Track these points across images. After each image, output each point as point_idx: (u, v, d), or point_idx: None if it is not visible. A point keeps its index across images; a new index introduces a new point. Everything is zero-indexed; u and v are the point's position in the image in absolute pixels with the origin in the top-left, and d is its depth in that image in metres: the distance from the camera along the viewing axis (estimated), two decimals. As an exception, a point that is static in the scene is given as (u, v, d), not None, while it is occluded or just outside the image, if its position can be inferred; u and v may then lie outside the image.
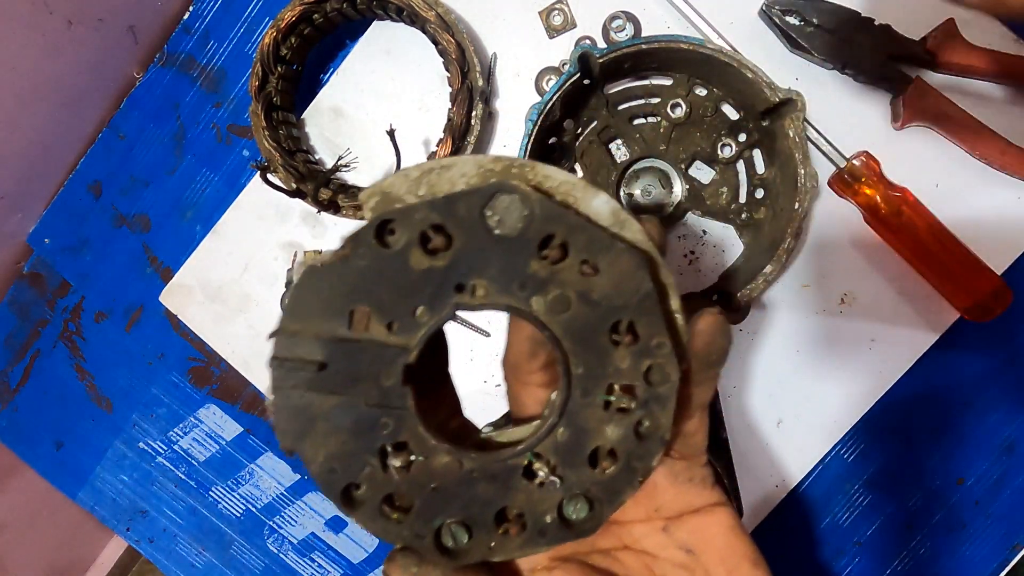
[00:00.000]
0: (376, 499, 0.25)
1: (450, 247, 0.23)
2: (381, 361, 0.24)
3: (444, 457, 0.25)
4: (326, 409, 0.24)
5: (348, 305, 0.24)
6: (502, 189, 0.23)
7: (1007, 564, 0.60)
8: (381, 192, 0.25)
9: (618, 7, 0.56)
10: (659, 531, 0.29)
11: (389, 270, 0.24)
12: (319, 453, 0.24)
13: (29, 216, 0.65)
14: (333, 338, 0.24)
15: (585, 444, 0.25)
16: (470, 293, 0.24)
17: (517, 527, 0.25)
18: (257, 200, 0.62)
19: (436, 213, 0.23)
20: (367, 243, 0.23)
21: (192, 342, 0.65)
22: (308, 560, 0.67)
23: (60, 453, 0.68)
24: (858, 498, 0.61)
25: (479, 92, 0.54)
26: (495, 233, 0.24)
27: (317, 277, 0.23)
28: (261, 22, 0.61)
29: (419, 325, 0.24)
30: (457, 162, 0.25)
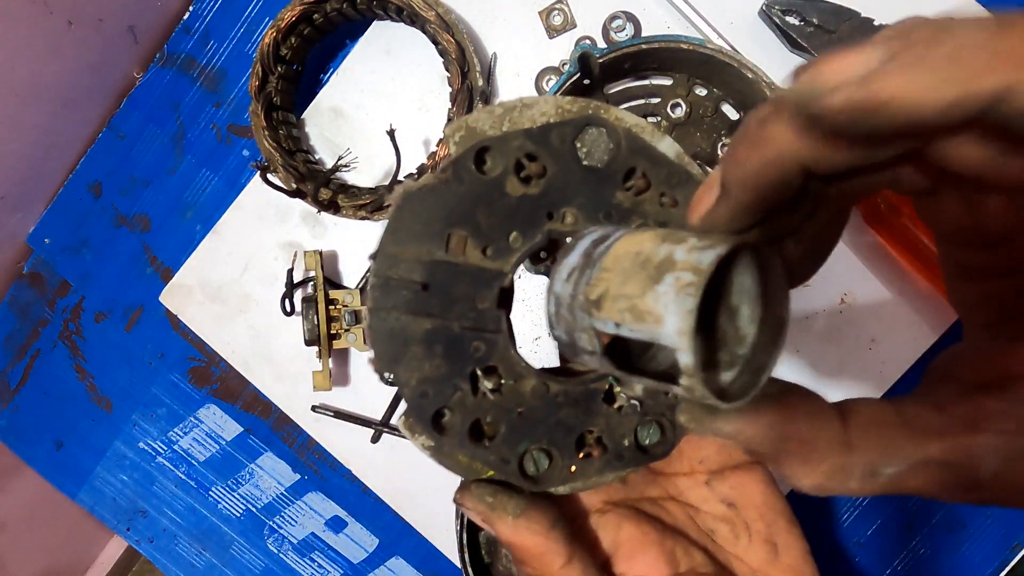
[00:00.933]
0: (464, 424, 0.25)
1: (544, 175, 0.25)
2: (477, 284, 0.25)
3: (531, 381, 0.26)
4: (420, 332, 0.24)
5: (446, 229, 0.24)
6: (591, 122, 0.25)
7: (1007, 564, 0.60)
8: (466, 127, 0.25)
9: (618, 7, 0.56)
10: (702, 484, 0.31)
11: (486, 196, 0.24)
12: (412, 377, 0.24)
13: (29, 216, 0.65)
14: (432, 261, 0.24)
15: None
16: (560, 220, 0.25)
17: (599, 449, 0.26)
18: (257, 200, 0.62)
19: (531, 142, 0.24)
20: (467, 168, 0.24)
21: (192, 342, 0.65)
22: (308, 560, 0.67)
23: (60, 453, 0.68)
24: (858, 498, 0.61)
25: (479, 92, 0.54)
26: (584, 164, 0.25)
27: (416, 201, 0.24)
28: (261, 22, 0.61)
29: (512, 251, 0.25)
30: (538, 101, 0.25)
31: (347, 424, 0.63)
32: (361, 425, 0.62)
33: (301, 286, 0.60)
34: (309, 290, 0.59)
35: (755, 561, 0.30)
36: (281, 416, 0.64)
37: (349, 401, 0.63)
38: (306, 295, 0.58)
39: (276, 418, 0.65)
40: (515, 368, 0.25)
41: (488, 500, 0.26)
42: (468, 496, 0.26)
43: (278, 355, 0.63)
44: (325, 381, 0.57)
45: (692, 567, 0.30)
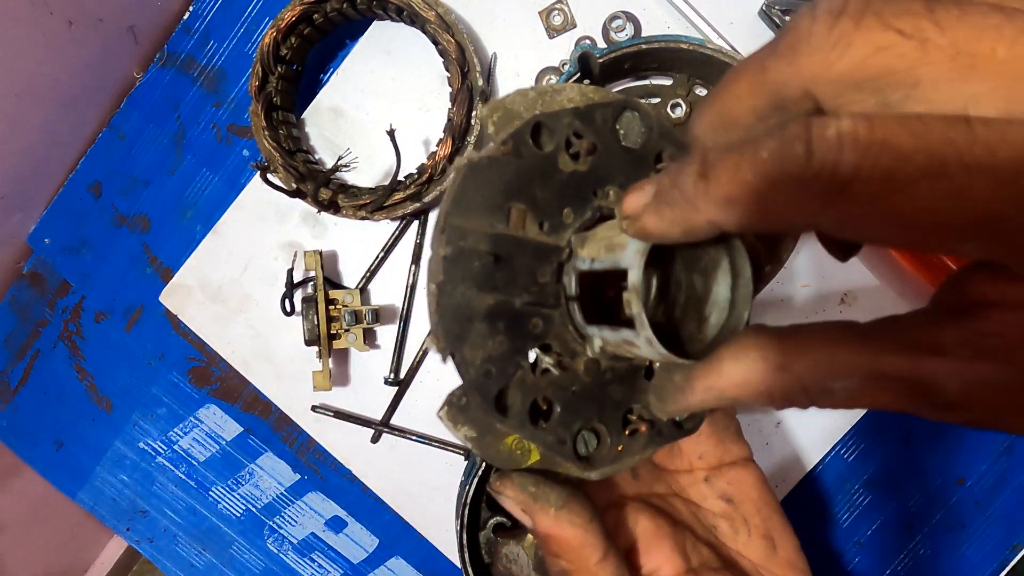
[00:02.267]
0: (525, 404, 0.25)
1: (593, 151, 0.25)
2: (538, 258, 0.25)
3: (584, 358, 0.26)
4: (484, 308, 0.24)
5: (507, 202, 0.24)
6: (628, 105, 0.26)
7: (1007, 564, 0.60)
8: (503, 107, 0.25)
9: (618, 7, 0.56)
10: (701, 482, 0.33)
11: (542, 170, 0.25)
12: (477, 355, 0.24)
13: (29, 216, 0.65)
14: (496, 234, 0.24)
15: None
16: (605, 198, 0.26)
17: (645, 424, 0.27)
18: (257, 200, 0.62)
19: (580, 120, 0.25)
20: (525, 142, 0.24)
21: (192, 342, 0.65)
22: (308, 560, 0.67)
23: (60, 453, 0.68)
24: (858, 498, 0.61)
25: (479, 92, 0.54)
26: (622, 144, 0.26)
27: (479, 171, 0.24)
28: (261, 22, 0.61)
29: (566, 226, 0.25)
30: (565, 88, 0.26)
31: (347, 424, 0.63)
32: (361, 425, 0.62)
33: (301, 286, 0.60)
34: (309, 290, 0.59)
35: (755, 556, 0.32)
36: (281, 416, 0.64)
37: (349, 401, 0.63)
38: (306, 295, 0.58)
39: (276, 418, 0.65)
40: (570, 345, 0.25)
41: (531, 490, 0.26)
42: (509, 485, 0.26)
43: (278, 355, 0.63)
44: (325, 381, 0.57)
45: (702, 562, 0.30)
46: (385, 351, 0.62)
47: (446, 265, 0.23)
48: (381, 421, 0.62)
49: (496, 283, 0.24)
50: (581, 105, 0.26)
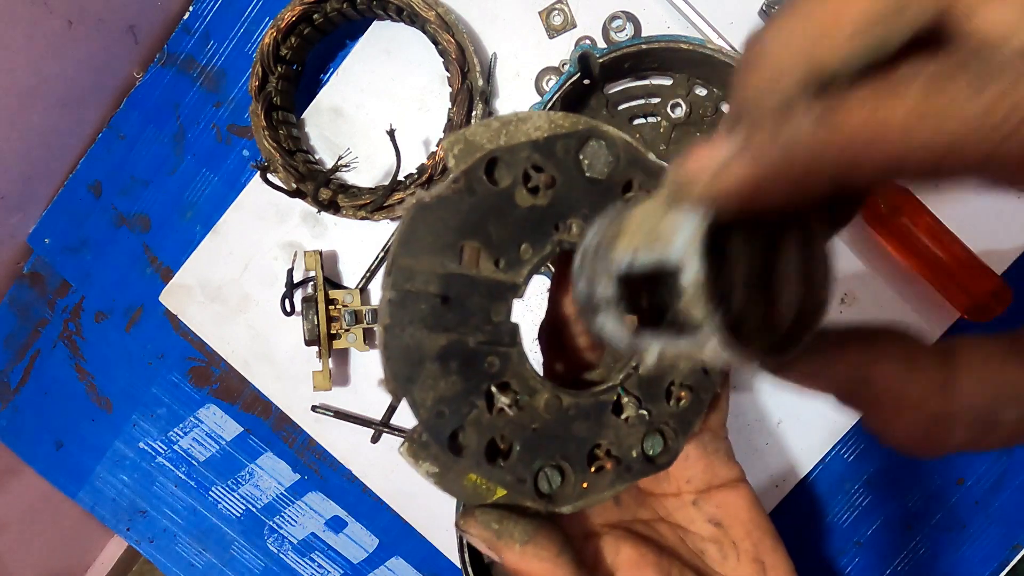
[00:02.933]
0: (481, 444, 0.25)
1: (552, 184, 0.25)
2: (492, 297, 0.24)
3: (545, 395, 0.25)
4: (436, 348, 0.24)
5: (459, 240, 0.24)
6: (593, 134, 0.25)
7: (1007, 564, 0.60)
8: (464, 140, 0.25)
9: (618, 7, 0.56)
10: (689, 505, 0.31)
11: (497, 207, 0.24)
12: (428, 396, 0.24)
13: (29, 216, 0.65)
14: (447, 273, 0.24)
15: (663, 378, 0.27)
16: (567, 231, 0.25)
17: (611, 461, 0.26)
18: (257, 200, 0.62)
19: (538, 153, 0.24)
20: (478, 178, 0.24)
21: (192, 342, 0.65)
22: (308, 560, 0.67)
23: (60, 453, 0.68)
24: (858, 498, 0.61)
25: (479, 92, 0.54)
26: (587, 175, 0.25)
27: (429, 211, 0.23)
28: (261, 22, 0.61)
29: (524, 262, 0.25)
30: (532, 116, 0.26)
31: (347, 424, 0.63)
32: (361, 425, 0.62)
33: (301, 286, 0.60)
34: (309, 290, 0.59)
35: None
36: (281, 416, 0.64)
37: (349, 401, 0.63)
38: (306, 295, 0.58)
39: (276, 418, 0.65)
40: (528, 383, 0.25)
41: (494, 527, 0.25)
42: (472, 523, 0.25)
43: (278, 355, 0.63)
44: (325, 381, 0.57)
45: None
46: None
47: (391, 308, 0.23)
48: (381, 421, 0.62)
49: (447, 323, 0.24)
50: (544, 135, 0.25)
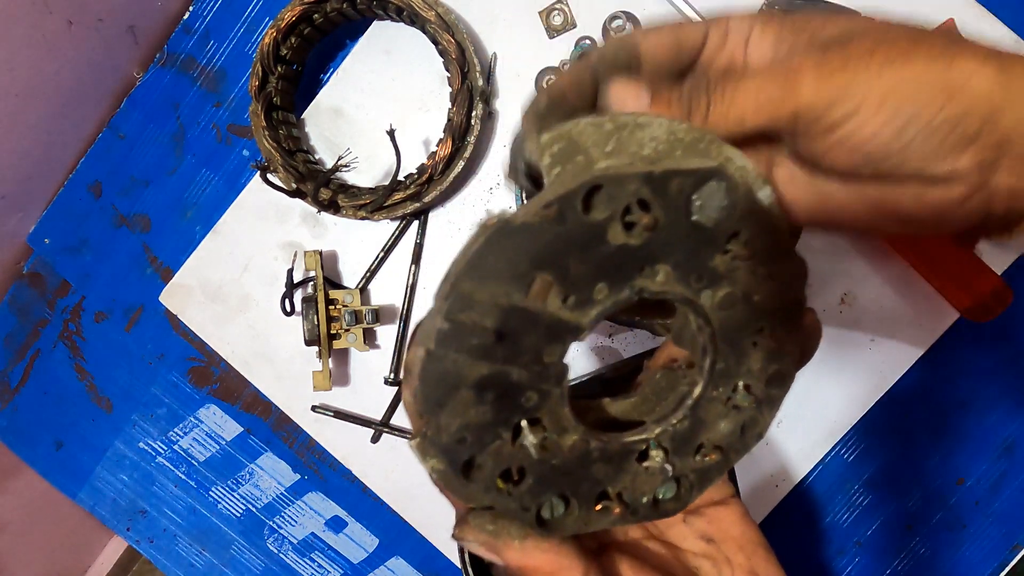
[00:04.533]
0: (495, 472, 0.23)
1: (654, 227, 0.22)
2: (550, 336, 0.22)
3: (573, 437, 0.24)
4: (475, 377, 0.22)
5: (532, 271, 0.21)
6: (717, 175, 0.22)
7: (1007, 564, 0.60)
8: (568, 139, 0.22)
9: (618, 7, 0.56)
10: (680, 522, 0.31)
11: (585, 240, 0.21)
12: (454, 423, 0.22)
13: (29, 216, 0.65)
14: (509, 306, 0.21)
15: (699, 435, 0.25)
16: (652, 277, 0.22)
17: (620, 507, 0.25)
18: (257, 200, 0.62)
19: (648, 188, 0.21)
20: (574, 208, 0.21)
21: (192, 342, 0.65)
22: (308, 560, 0.67)
23: (60, 453, 0.68)
24: (858, 498, 0.61)
25: (479, 92, 0.54)
26: (692, 219, 0.22)
27: (509, 236, 0.21)
28: (261, 22, 0.61)
29: (594, 303, 0.22)
30: (652, 123, 0.23)
31: (347, 424, 0.63)
32: (361, 425, 0.62)
33: (301, 286, 0.60)
34: (309, 290, 0.59)
35: None
36: (281, 416, 0.64)
37: (349, 401, 0.63)
38: (306, 295, 0.58)
39: (276, 418, 0.65)
40: (561, 422, 0.23)
41: (489, 528, 0.25)
42: (468, 529, 0.25)
43: (278, 355, 0.63)
44: (325, 381, 0.57)
45: None
46: (385, 351, 0.62)
47: (440, 337, 0.21)
48: (381, 421, 0.62)
49: (495, 356, 0.22)
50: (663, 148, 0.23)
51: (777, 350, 0.24)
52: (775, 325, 0.24)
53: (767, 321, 0.24)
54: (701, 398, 0.25)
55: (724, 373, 0.24)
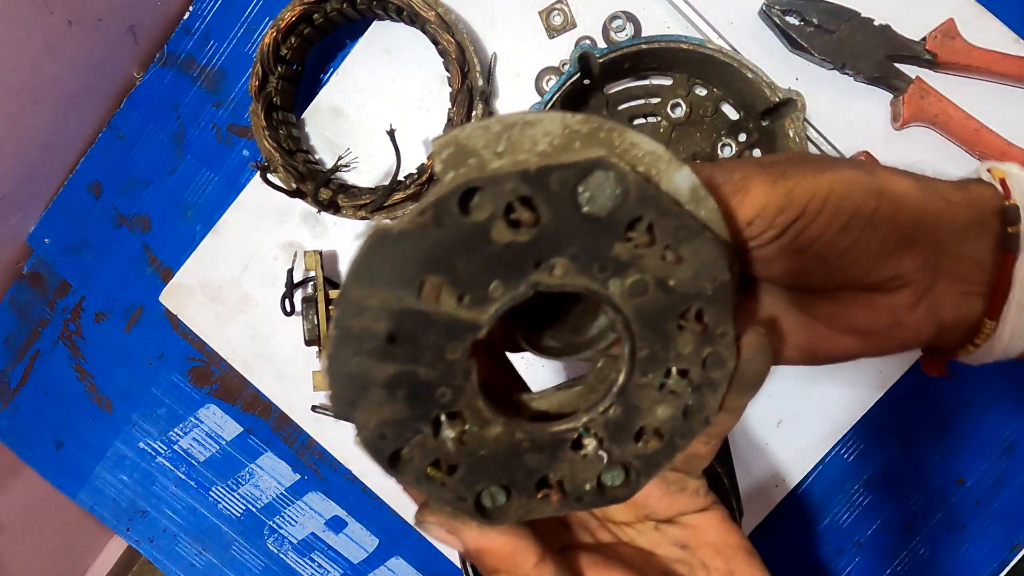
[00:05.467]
0: (423, 464, 0.24)
1: (537, 223, 0.22)
2: (448, 335, 0.23)
3: (496, 428, 0.24)
4: (382, 377, 0.23)
5: (420, 275, 0.22)
6: (600, 165, 0.21)
7: (1007, 564, 0.60)
8: (456, 143, 0.22)
9: (618, 7, 0.56)
10: (652, 530, 0.30)
11: (468, 241, 0.21)
12: (371, 420, 0.23)
13: (29, 216, 0.65)
14: (401, 309, 0.22)
15: (634, 422, 0.25)
16: (548, 271, 0.22)
17: (558, 494, 0.25)
18: (257, 200, 0.62)
19: (527, 185, 0.21)
20: (450, 212, 0.21)
21: (192, 342, 0.65)
22: (308, 560, 0.67)
23: (60, 453, 0.68)
24: (858, 498, 0.61)
25: (479, 92, 0.54)
26: (583, 211, 0.22)
27: (389, 243, 0.21)
28: (261, 22, 0.61)
29: (491, 300, 0.22)
30: (543, 119, 0.23)
31: (347, 424, 0.63)
32: (361, 425, 0.62)
33: (301, 286, 0.60)
34: (309, 290, 0.59)
35: None
36: (281, 416, 0.64)
37: (349, 401, 0.63)
38: (306, 295, 0.58)
39: (276, 418, 0.65)
40: (480, 416, 0.24)
41: (449, 509, 0.25)
42: (428, 512, 0.26)
43: (278, 355, 0.63)
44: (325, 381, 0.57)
45: None
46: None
47: (335, 343, 0.22)
48: (381, 421, 0.62)
49: (396, 357, 0.22)
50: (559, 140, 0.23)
51: (708, 332, 0.24)
52: (701, 308, 0.24)
53: (690, 304, 0.24)
54: (627, 384, 0.25)
55: (651, 359, 0.24)
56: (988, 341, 0.30)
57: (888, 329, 0.29)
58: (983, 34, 0.54)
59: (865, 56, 0.54)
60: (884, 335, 0.30)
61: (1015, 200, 0.29)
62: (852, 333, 0.30)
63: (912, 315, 0.29)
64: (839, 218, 0.27)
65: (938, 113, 0.54)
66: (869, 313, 0.29)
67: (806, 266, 0.28)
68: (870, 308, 0.29)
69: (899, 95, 0.54)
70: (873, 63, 0.54)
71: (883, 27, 0.54)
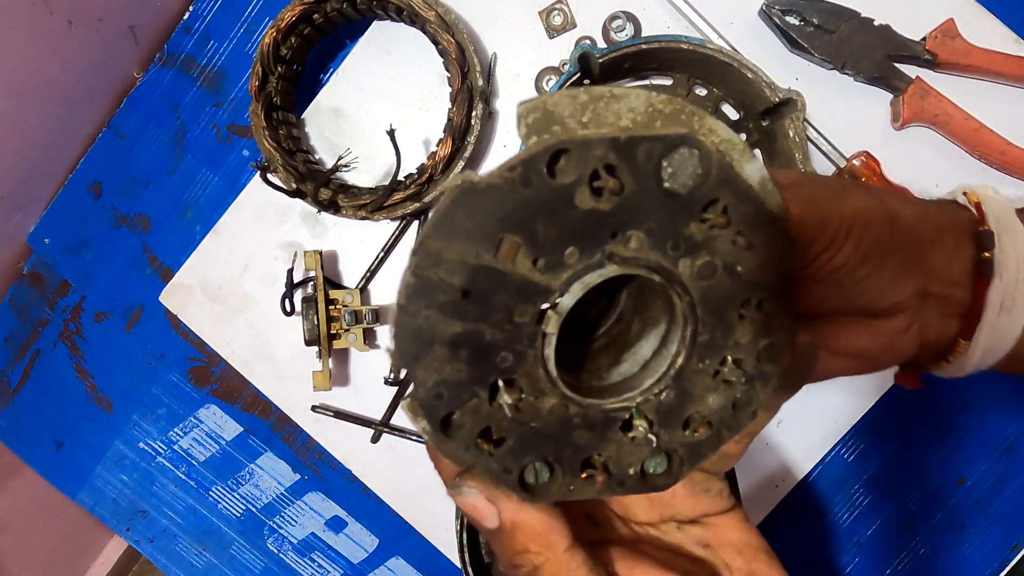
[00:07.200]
0: (474, 430, 0.24)
1: (620, 192, 0.22)
2: (520, 297, 0.22)
3: (552, 400, 0.24)
4: (448, 334, 0.22)
5: (500, 232, 0.21)
6: (687, 142, 0.22)
7: (1007, 564, 0.60)
8: (544, 109, 0.22)
9: (618, 7, 0.56)
10: (675, 530, 0.31)
11: (551, 204, 0.21)
12: (430, 377, 0.23)
13: (29, 216, 0.65)
14: (477, 265, 0.22)
15: (686, 408, 0.25)
16: (624, 243, 0.22)
17: (603, 476, 0.25)
18: (257, 200, 0.62)
19: (615, 153, 0.21)
20: (537, 171, 0.21)
21: (192, 342, 0.65)
22: (308, 560, 0.67)
23: (60, 453, 0.68)
24: (858, 498, 0.61)
25: (479, 92, 0.54)
26: (664, 186, 0.22)
27: (474, 196, 0.21)
28: (261, 22, 0.61)
29: (565, 267, 0.22)
30: (629, 94, 0.23)
31: (347, 424, 0.63)
32: (361, 425, 0.62)
33: (301, 286, 0.60)
34: (309, 290, 0.59)
35: None
36: (281, 416, 0.64)
37: (349, 401, 0.63)
38: (306, 295, 0.58)
39: (276, 418, 0.65)
40: (539, 384, 0.24)
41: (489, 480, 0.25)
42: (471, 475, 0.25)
43: (278, 355, 0.63)
44: (325, 381, 0.57)
45: None
46: (385, 351, 0.62)
47: (409, 292, 0.22)
48: (381, 421, 0.62)
49: (463, 314, 0.22)
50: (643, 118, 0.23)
51: (767, 323, 0.24)
52: (763, 298, 0.24)
53: (754, 293, 0.24)
54: (684, 368, 0.25)
55: (709, 345, 0.24)
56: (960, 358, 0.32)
57: (883, 352, 0.30)
58: (983, 34, 0.54)
59: (865, 56, 0.54)
60: (877, 358, 0.30)
61: (989, 225, 0.30)
62: (847, 356, 0.30)
63: (905, 339, 0.30)
64: (861, 247, 0.27)
65: (938, 113, 0.54)
66: (867, 338, 0.30)
67: (823, 294, 0.28)
68: (869, 333, 0.30)
69: (899, 95, 0.54)
70: (873, 63, 0.54)
71: (883, 27, 0.54)
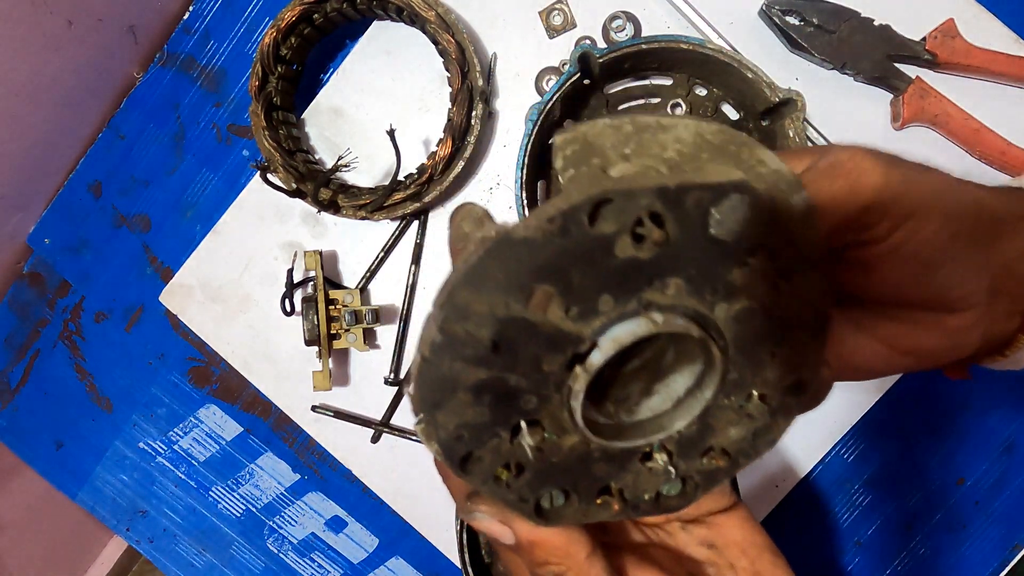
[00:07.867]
0: (492, 467, 0.23)
1: (665, 241, 0.20)
2: (549, 347, 0.21)
3: (573, 438, 0.24)
4: (472, 381, 0.21)
5: (534, 282, 0.20)
6: (740, 189, 0.20)
7: (1007, 564, 0.60)
8: (583, 141, 0.21)
9: (618, 7, 0.56)
10: (679, 530, 0.31)
11: (590, 253, 0.20)
12: (451, 421, 0.22)
13: (29, 216, 0.65)
14: (507, 316, 0.21)
15: (706, 440, 0.25)
16: (661, 290, 0.21)
17: (619, 503, 0.25)
18: (257, 200, 0.62)
19: (662, 203, 0.20)
20: (579, 222, 0.20)
21: (192, 342, 0.65)
22: (308, 560, 0.67)
23: (60, 453, 0.68)
24: (858, 498, 0.61)
25: (479, 92, 0.54)
26: (710, 232, 0.21)
27: (508, 248, 0.20)
28: (261, 22, 0.61)
29: (598, 314, 0.21)
30: (677, 124, 0.22)
31: (347, 424, 0.63)
32: (361, 425, 0.62)
33: (301, 286, 0.60)
34: (309, 290, 0.59)
35: None
36: (281, 416, 0.64)
37: (349, 401, 0.63)
38: (306, 295, 0.58)
39: (276, 418, 0.65)
40: (562, 424, 0.23)
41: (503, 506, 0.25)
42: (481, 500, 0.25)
43: (278, 355, 0.63)
44: (325, 381, 0.57)
45: None
46: (385, 351, 0.62)
47: (434, 346, 0.21)
48: (381, 421, 0.62)
49: (492, 364, 0.21)
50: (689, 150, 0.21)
51: (797, 361, 0.24)
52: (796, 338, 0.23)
53: (788, 333, 0.23)
54: (711, 406, 0.24)
55: (737, 383, 0.24)
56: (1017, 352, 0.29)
57: (948, 351, 0.27)
58: (983, 34, 0.54)
59: (865, 56, 0.54)
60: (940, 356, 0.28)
61: None
62: (911, 355, 0.28)
63: (971, 336, 0.27)
64: (949, 224, 0.24)
65: (938, 113, 0.54)
66: (935, 337, 0.27)
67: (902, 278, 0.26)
68: (937, 331, 0.27)
69: (899, 95, 0.54)
70: (873, 63, 0.54)
71: (883, 27, 0.54)
